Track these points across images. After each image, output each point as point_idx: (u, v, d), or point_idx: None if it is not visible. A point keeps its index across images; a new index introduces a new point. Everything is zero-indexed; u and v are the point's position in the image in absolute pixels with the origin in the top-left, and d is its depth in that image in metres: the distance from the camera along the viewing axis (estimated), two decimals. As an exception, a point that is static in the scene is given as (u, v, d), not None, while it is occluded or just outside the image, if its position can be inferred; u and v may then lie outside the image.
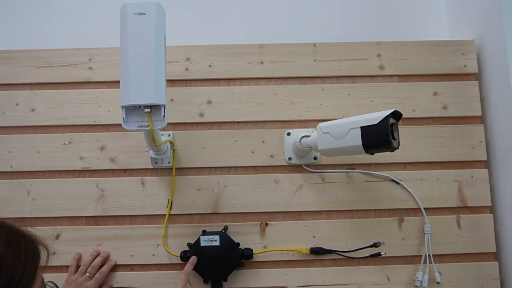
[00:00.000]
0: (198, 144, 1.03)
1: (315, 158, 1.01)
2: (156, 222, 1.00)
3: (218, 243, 0.95)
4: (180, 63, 1.06)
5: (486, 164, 1.03)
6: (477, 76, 1.07)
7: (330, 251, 0.98)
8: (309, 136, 0.94)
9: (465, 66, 1.06)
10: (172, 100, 1.04)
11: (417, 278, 0.96)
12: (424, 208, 1.00)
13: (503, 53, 0.96)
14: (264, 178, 1.02)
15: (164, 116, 0.78)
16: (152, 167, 1.01)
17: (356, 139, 0.78)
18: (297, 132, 1.01)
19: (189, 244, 0.97)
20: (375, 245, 0.97)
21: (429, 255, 0.98)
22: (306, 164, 1.02)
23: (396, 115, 0.78)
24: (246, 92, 1.05)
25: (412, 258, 0.99)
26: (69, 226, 1.00)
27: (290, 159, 1.01)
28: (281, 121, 1.04)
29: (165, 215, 1.00)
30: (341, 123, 0.82)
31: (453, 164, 1.03)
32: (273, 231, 1.00)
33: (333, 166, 1.03)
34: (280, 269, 0.98)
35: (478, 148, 1.03)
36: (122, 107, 0.77)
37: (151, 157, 0.98)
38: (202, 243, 0.95)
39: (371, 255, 0.98)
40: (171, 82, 1.05)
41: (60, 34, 1.19)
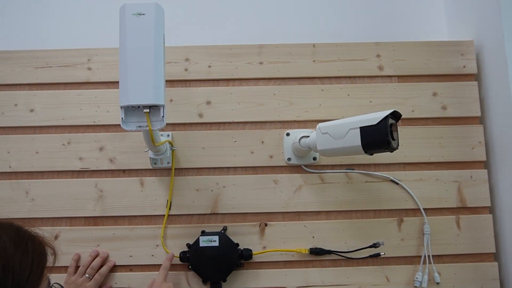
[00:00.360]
0: (197, 144, 1.03)
1: (315, 159, 1.01)
2: (155, 223, 1.00)
3: (217, 244, 0.95)
4: (179, 64, 1.06)
5: (486, 164, 1.03)
6: (476, 77, 1.07)
7: (329, 252, 0.98)
8: (308, 136, 0.94)
9: (464, 67, 1.06)
10: (171, 100, 1.04)
11: (416, 278, 0.96)
12: (424, 209, 1.00)
13: (502, 53, 0.96)
14: (264, 178, 1.02)
15: (163, 116, 0.77)
16: (151, 167, 1.00)
17: (355, 139, 0.78)
18: (296, 133, 1.01)
19: (188, 245, 0.97)
20: (375, 245, 0.97)
21: (428, 256, 0.98)
22: (305, 164, 1.02)
23: (395, 115, 0.78)
24: (245, 93, 1.05)
25: (412, 259, 0.99)
26: (68, 227, 0.99)
27: (289, 159, 1.01)
28: (280, 121, 1.04)
29: (164, 215, 1.00)
30: (340, 124, 0.82)
31: (452, 165, 1.03)
32: (272, 231, 1.00)
33: (332, 166, 1.03)
34: (279, 269, 0.98)
35: (478, 148, 1.03)
36: (121, 108, 0.77)
37: (150, 157, 0.98)
38: (201, 244, 0.95)
39: (370, 256, 0.98)
40: (170, 83, 1.05)
41: (59, 35, 1.19)
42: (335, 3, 1.23)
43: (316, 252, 0.97)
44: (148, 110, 0.76)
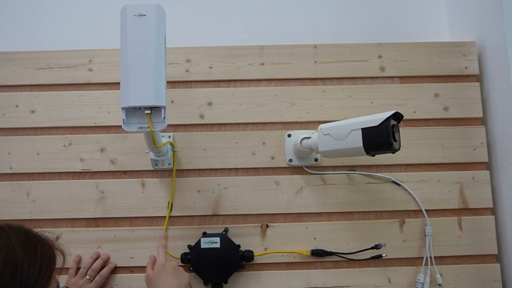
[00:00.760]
0: (198, 145, 1.03)
1: (316, 160, 1.01)
2: (156, 224, 1.00)
3: (218, 245, 0.95)
4: (180, 65, 1.06)
5: (488, 165, 1.03)
6: (478, 78, 1.06)
7: (331, 253, 0.98)
8: (309, 137, 0.94)
9: (466, 68, 1.06)
10: (172, 101, 1.04)
11: (418, 280, 0.96)
12: (425, 210, 1.00)
13: (504, 54, 0.96)
14: (265, 179, 1.01)
15: (164, 117, 0.77)
16: (152, 168, 1.00)
17: (357, 140, 0.78)
18: (297, 134, 1.01)
19: (189, 246, 0.97)
20: (376, 247, 0.97)
21: (430, 257, 0.98)
22: (306, 165, 1.01)
23: (397, 116, 0.78)
24: (247, 94, 1.05)
25: (414, 260, 0.99)
26: (69, 228, 0.99)
27: (290, 160, 1.01)
28: (281, 122, 1.04)
29: (165, 217, 0.99)
30: (342, 125, 0.82)
31: (454, 166, 1.03)
32: (273, 233, 0.99)
33: (334, 167, 1.02)
34: (280, 271, 0.98)
35: (480, 149, 1.03)
36: (122, 109, 0.77)
37: (151, 158, 0.98)
38: (203, 245, 0.95)
39: (372, 257, 0.98)
40: (172, 84, 1.04)
41: (60, 36, 1.19)
42: (337, 4, 1.23)
43: (317, 253, 0.97)
44: (149, 111, 0.76)
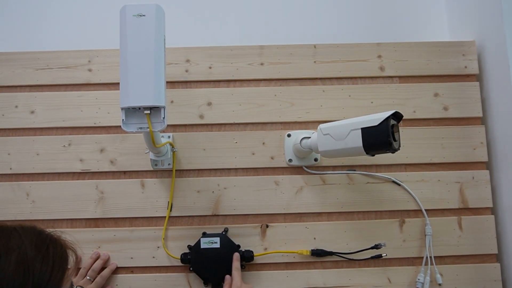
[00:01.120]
0: (198, 146, 1.02)
1: (316, 160, 1.01)
2: (156, 224, 1.00)
3: (218, 245, 0.95)
4: (180, 65, 1.06)
5: (487, 165, 1.03)
6: (478, 77, 1.06)
7: (331, 253, 0.98)
8: (309, 137, 0.94)
9: (465, 67, 1.06)
10: (172, 101, 1.04)
11: (418, 280, 0.96)
12: (425, 210, 1.00)
13: (503, 54, 0.96)
14: (265, 179, 1.01)
15: (164, 118, 0.77)
16: (152, 169, 1.00)
17: (356, 140, 0.78)
18: (297, 134, 1.01)
19: (189, 246, 0.97)
20: (376, 247, 0.97)
21: (430, 257, 0.97)
22: (306, 165, 1.01)
23: (396, 116, 0.77)
24: (246, 94, 1.05)
25: (413, 260, 0.99)
26: (68, 228, 0.99)
27: (290, 160, 1.01)
28: (281, 122, 1.04)
29: (165, 217, 0.99)
30: (341, 125, 0.82)
31: (454, 166, 1.02)
32: (273, 233, 0.99)
33: (333, 167, 1.02)
34: (280, 271, 0.98)
35: (479, 149, 1.03)
36: (122, 109, 0.77)
37: (151, 159, 0.98)
38: (203, 245, 0.95)
39: (372, 257, 0.98)
40: (171, 84, 1.04)
41: (59, 36, 1.19)
42: (336, 3, 1.23)
43: (317, 253, 0.97)
44: (148, 112, 0.76)
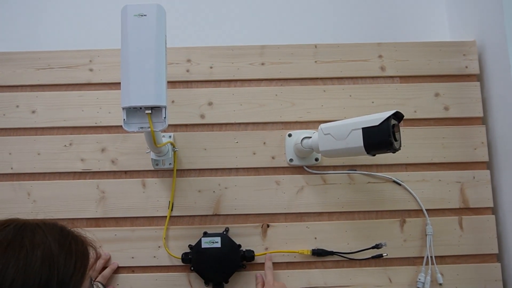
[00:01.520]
0: (199, 145, 1.03)
1: (317, 160, 1.01)
2: (157, 224, 1.00)
3: (219, 245, 0.95)
4: (181, 65, 1.06)
5: (488, 165, 1.03)
6: (478, 77, 1.06)
7: (331, 253, 0.98)
8: (310, 137, 0.94)
9: (466, 67, 1.06)
10: (173, 101, 1.04)
11: (419, 279, 0.96)
12: (426, 210, 1.00)
13: (504, 53, 0.96)
14: (266, 179, 1.01)
15: (165, 117, 0.77)
16: (153, 168, 1.00)
17: (357, 140, 0.78)
18: (298, 134, 1.01)
19: (190, 246, 0.97)
20: (377, 246, 0.97)
21: (431, 257, 0.98)
22: (307, 165, 1.01)
23: (397, 116, 0.78)
24: (247, 94, 1.05)
25: (414, 260, 0.99)
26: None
27: (291, 160, 1.01)
28: (282, 122, 1.04)
29: (166, 217, 0.99)
30: (342, 124, 0.82)
31: (455, 165, 1.03)
32: (274, 232, 1.00)
33: (334, 167, 1.02)
34: (281, 270, 0.98)
35: (480, 149, 1.03)
36: (123, 109, 0.77)
37: (152, 158, 0.98)
38: (203, 245, 0.95)
39: (373, 257, 0.98)
40: (172, 84, 1.05)
41: (60, 36, 1.19)
42: (337, 3, 1.23)
43: (318, 253, 0.97)
44: (150, 111, 0.76)
